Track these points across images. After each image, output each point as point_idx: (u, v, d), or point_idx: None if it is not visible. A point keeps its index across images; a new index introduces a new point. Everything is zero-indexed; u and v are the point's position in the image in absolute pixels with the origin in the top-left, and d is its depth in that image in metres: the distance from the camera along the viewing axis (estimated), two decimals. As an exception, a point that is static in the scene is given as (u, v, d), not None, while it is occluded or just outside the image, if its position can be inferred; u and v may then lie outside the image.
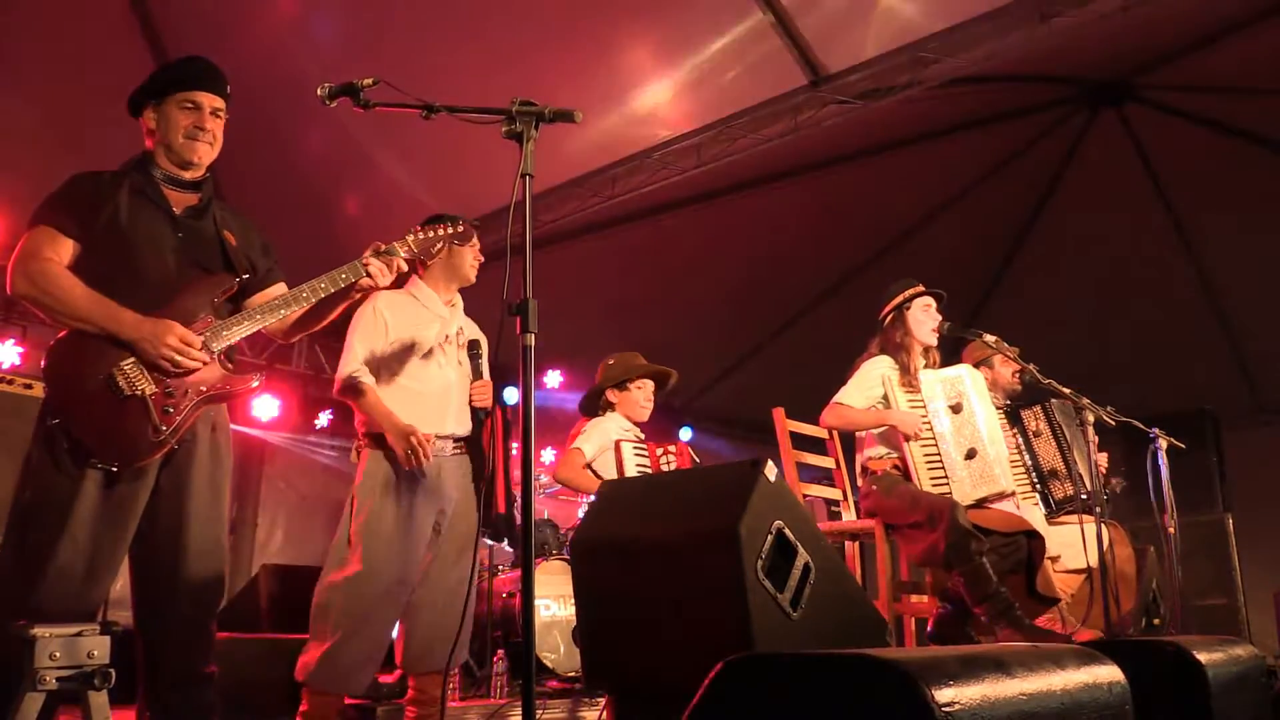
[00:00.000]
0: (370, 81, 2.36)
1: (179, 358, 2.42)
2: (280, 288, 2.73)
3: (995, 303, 9.39)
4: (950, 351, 4.44)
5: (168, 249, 2.54)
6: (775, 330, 9.44)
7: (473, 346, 3.41)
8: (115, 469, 2.37)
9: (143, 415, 2.38)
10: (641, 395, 4.58)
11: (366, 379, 3.21)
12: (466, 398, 3.34)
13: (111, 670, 2.01)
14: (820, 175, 7.41)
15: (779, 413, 4.27)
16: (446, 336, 3.37)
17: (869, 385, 4.09)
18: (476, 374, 3.38)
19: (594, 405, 4.64)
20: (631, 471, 4.20)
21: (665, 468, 4.30)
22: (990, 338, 4.19)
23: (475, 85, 5.49)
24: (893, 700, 1.21)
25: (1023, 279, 9.17)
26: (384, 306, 3.32)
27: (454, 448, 3.31)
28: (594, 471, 4.35)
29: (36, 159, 5.43)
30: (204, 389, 2.49)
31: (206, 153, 2.64)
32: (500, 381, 3.45)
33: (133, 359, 2.40)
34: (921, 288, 4.21)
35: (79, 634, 2.00)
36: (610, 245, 7.56)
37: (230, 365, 2.57)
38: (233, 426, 2.74)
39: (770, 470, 2.38)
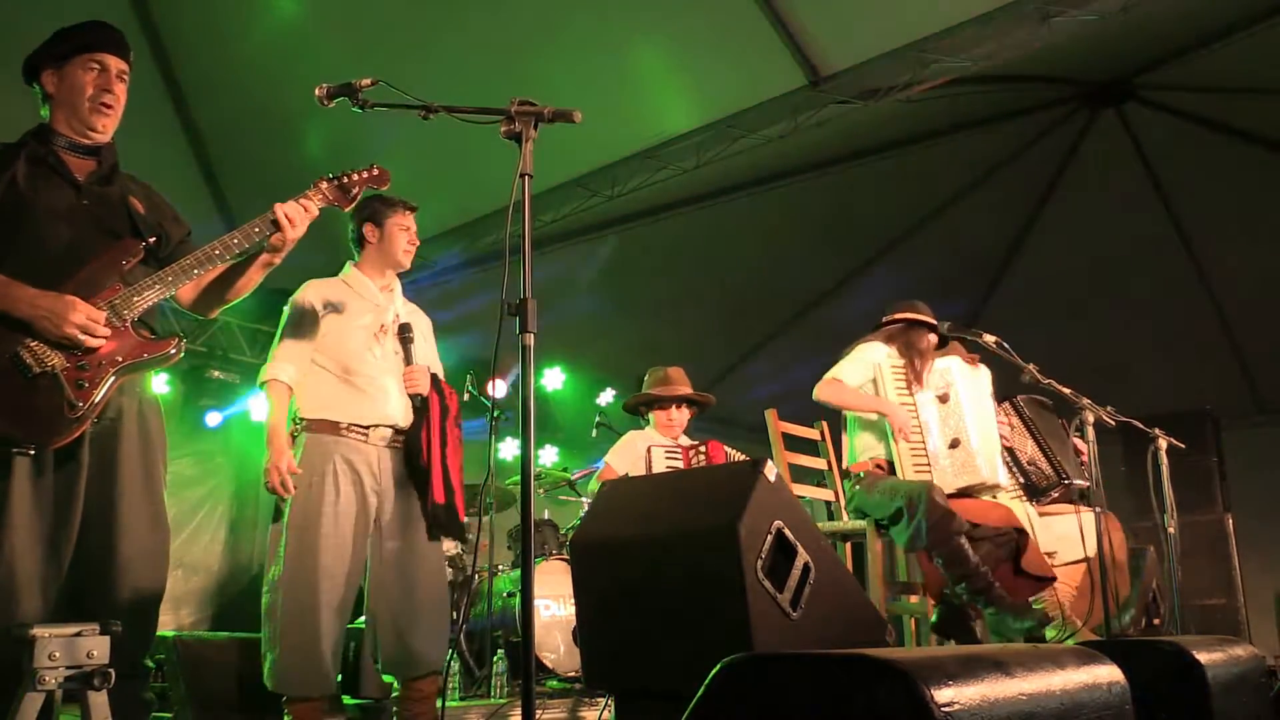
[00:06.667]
0: (369, 82, 2.35)
1: (81, 336, 2.28)
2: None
3: (995, 303, 9.39)
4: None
5: (73, 217, 2.41)
6: (774, 331, 9.44)
7: (403, 331, 3.28)
8: (32, 452, 2.23)
9: (56, 391, 2.24)
10: (664, 417, 4.73)
11: (283, 377, 3.12)
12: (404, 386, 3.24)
13: (111, 670, 1.99)
14: (820, 175, 7.40)
15: (772, 414, 4.26)
16: (383, 325, 3.26)
17: (863, 367, 4.08)
18: (408, 359, 3.25)
19: (636, 408, 4.89)
20: None
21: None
22: (990, 338, 4.19)
23: (474, 85, 5.49)
24: (893, 700, 1.21)
25: (1023, 279, 9.17)
26: (313, 297, 3.21)
27: (394, 438, 3.19)
28: None
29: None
30: (120, 359, 2.34)
31: (112, 117, 2.51)
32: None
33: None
34: (930, 319, 4.16)
35: (78, 634, 1.99)
36: (610, 245, 7.56)
37: (150, 334, 2.43)
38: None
39: (770, 470, 2.38)
